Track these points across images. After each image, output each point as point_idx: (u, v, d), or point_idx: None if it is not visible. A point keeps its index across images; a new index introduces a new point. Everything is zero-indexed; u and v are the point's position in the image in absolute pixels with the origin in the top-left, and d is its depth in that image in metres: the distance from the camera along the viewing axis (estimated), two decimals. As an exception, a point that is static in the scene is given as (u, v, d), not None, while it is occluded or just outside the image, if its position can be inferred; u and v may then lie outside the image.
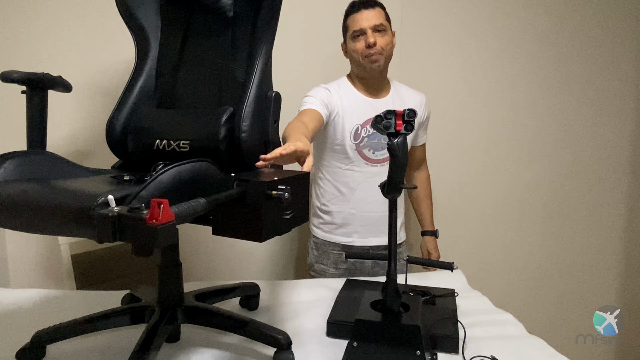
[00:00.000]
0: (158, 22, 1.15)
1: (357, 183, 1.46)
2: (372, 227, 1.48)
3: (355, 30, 1.39)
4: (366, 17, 1.38)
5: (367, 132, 1.42)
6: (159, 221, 0.55)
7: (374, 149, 1.44)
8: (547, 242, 1.99)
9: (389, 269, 0.94)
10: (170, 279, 0.94)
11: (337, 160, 1.46)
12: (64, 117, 1.59)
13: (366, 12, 1.38)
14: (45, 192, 0.72)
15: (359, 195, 1.46)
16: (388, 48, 1.41)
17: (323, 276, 1.52)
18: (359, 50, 1.39)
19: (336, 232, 1.50)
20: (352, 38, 1.41)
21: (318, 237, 1.53)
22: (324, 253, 1.52)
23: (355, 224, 1.48)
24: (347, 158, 1.45)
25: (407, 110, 0.88)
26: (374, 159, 1.45)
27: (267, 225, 0.76)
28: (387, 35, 1.40)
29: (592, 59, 1.91)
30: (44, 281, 1.66)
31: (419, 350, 0.84)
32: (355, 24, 1.39)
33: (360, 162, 1.45)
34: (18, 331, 0.95)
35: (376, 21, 1.37)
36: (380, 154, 1.45)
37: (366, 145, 1.43)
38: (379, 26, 1.38)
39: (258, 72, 0.99)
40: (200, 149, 0.96)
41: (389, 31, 1.42)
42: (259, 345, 0.90)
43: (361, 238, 1.49)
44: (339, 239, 1.50)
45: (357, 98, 1.45)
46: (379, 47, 1.37)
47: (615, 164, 1.97)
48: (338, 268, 1.51)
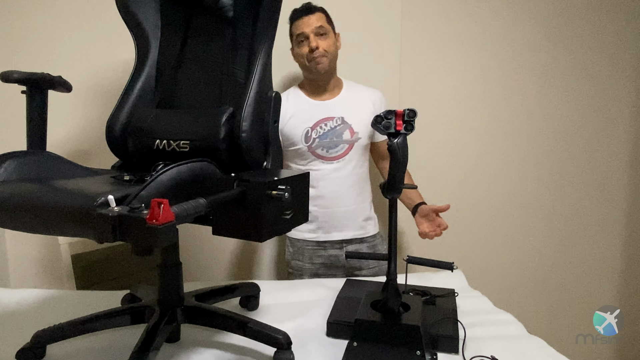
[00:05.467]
0: (158, 22, 1.15)
1: (316, 181, 1.51)
2: (335, 222, 1.53)
3: (299, 35, 1.47)
4: (307, 23, 1.45)
5: (317, 134, 1.50)
6: (159, 221, 0.55)
7: (327, 147, 1.50)
8: (547, 242, 1.99)
9: (389, 269, 0.95)
10: (170, 279, 0.94)
11: (295, 162, 1.55)
12: (64, 117, 1.59)
13: (307, 17, 1.45)
14: (46, 192, 0.72)
15: (319, 193, 1.52)
16: (331, 50, 1.48)
17: (300, 271, 1.60)
18: (303, 54, 1.47)
19: (303, 229, 1.57)
20: (296, 43, 1.49)
21: (291, 235, 1.61)
22: (299, 249, 1.59)
23: (319, 221, 1.54)
24: (304, 159, 1.53)
25: (407, 110, 0.89)
26: (329, 157, 1.51)
27: (267, 225, 0.76)
28: (329, 38, 1.47)
29: (592, 59, 1.91)
30: (44, 281, 1.66)
31: (419, 350, 0.84)
32: (297, 30, 1.47)
33: (316, 161, 1.52)
34: (18, 331, 0.95)
35: (317, 24, 1.44)
36: (334, 151, 1.51)
37: (318, 145, 1.50)
38: (320, 29, 1.45)
39: (258, 72, 0.99)
40: (200, 149, 0.96)
41: (330, 33, 1.49)
42: (259, 345, 0.90)
43: (325, 233, 1.55)
44: (306, 235, 1.57)
45: (304, 103, 1.54)
46: (321, 50, 1.44)
47: (616, 164, 1.97)
48: (314, 263, 1.58)
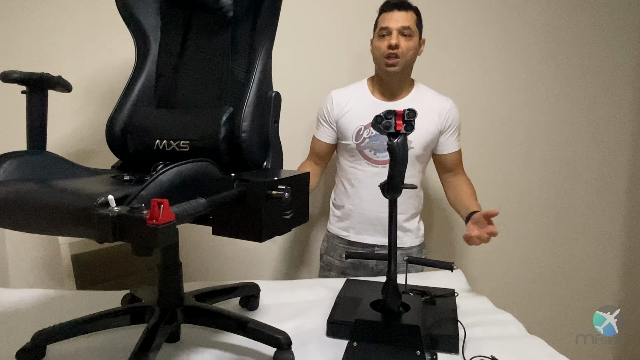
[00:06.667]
0: (158, 22, 1.15)
1: (358, 181, 1.50)
2: (367, 226, 1.52)
3: (383, 28, 1.41)
4: (395, 18, 1.39)
5: (369, 134, 1.46)
6: (159, 221, 0.55)
7: (375, 150, 1.47)
8: (547, 242, 1.99)
9: (389, 269, 0.94)
10: (170, 279, 0.94)
11: (344, 157, 1.54)
12: (64, 117, 1.59)
13: (398, 13, 1.40)
14: (45, 192, 0.72)
15: (358, 193, 1.50)
16: (410, 53, 1.42)
17: (330, 267, 1.60)
18: (381, 49, 1.42)
19: (338, 225, 1.58)
20: (378, 36, 1.44)
21: (328, 229, 1.62)
22: (332, 245, 1.60)
23: (353, 220, 1.53)
24: (352, 156, 1.50)
25: (407, 110, 0.88)
26: (375, 160, 1.47)
27: (267, 225, 0.76)
28: (412, 41, 1.41)
29: (593, 59, 1.91)
30: (44, 281, 1.66)
31: (419, 350, 0.84)
32: (384, 22, 1.42)
33: (362, 161, 1.49)
34: (18, 331, 0.95)
35: (404, 23, 1.39)
36: (382, 155, 1.46)
37: (367, 145, 1.46)
38: (406, 29, 1.39)
39: (258, 72, 0.99)
40: (200, 149, 0.96)
41: (415, 37, 1.43)
42: (259, 345, 0.89)
43: (356, 234, 1.54)
44: (340, 232, 1.57)
45: (367, 100, 1.49)
46: (400, 50, 1.38)
47: (616, 164, 1.97)
48: (343, 261, 1.57)
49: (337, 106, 1.51)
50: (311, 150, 1.62)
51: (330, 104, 1.52)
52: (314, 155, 1.61)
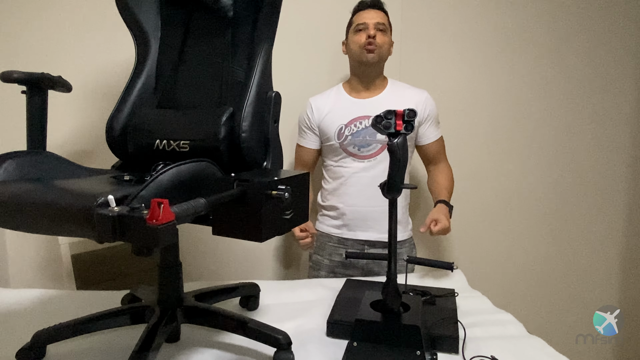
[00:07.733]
0: (158, 22, 1.15)
1: (345, 178, 1.52)
2: (359, 222, 1.53)
3: (359, 24, 1.50)
4: (371, 16, 1.50)
5: (350, 131, 1.51)
6: (159, 221, 0.55)
7: (358, 145, 1.51)
8: (547, 242, 1.99)
9: (389, 269, 0.94)
10: (170, 279, 0.94)
11: (330, 158, 1.58)
12: (64, 117, 1.59)
13: (372, 11, 1.51)
14: (46, 192, 0.72)
15: (347, 190, 1.53)
16: (385, 47, 1.51)
17: (319, 266, 1.60)
18: (359, 41, 1.48)
19: (329, 224, 1.59)
20: (355, 31, 1.51)
21: (317, 229, 1.62)
22: (321, 244, 1.61)
23: (344, 218, 1.55)
24: (337, 155, 1.54)
25: (407, 110, 0.88)
26: (360, 155, 1.51)
27: (267, 225, 0.76)
28: (387, 36, 1.52)
29: (593, 59, 1.91)
30: (44, 281, 1.66)
31: (419, 350, 0.84)
32: (360, 19, 1.51)
33: (347, 158, 1.52)
34: (18, 331, 0.95)
35: (380, 20, 1.49)
36: (366, 150, 1.50)
37: (350, 142, 1.51)
38: (381, 25, 1.49)
39: (258, 72, 0.99)
40: (200, 149, 0.96)
41: (388, 33, 1.53)
42: (259, 345, 0.89)
43: (350, 231, 1.55)
44: (331, 230, 1.58)
45: (345, 100, 1.56)
46: (377, 41, 1.47)
47: (616, 164, 1.97)
48: (332, 260, 1.58)
49: (317, 111, 1.57)
50: (297, 159, 1.66)
51: (310, 110, 1.58)
52: (300, 165, 1.65)
